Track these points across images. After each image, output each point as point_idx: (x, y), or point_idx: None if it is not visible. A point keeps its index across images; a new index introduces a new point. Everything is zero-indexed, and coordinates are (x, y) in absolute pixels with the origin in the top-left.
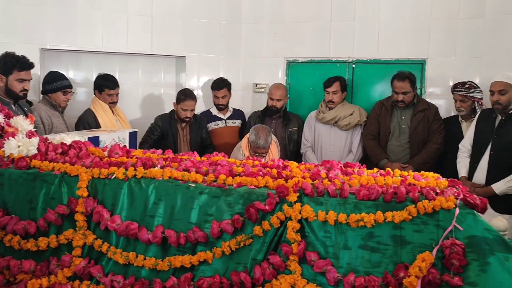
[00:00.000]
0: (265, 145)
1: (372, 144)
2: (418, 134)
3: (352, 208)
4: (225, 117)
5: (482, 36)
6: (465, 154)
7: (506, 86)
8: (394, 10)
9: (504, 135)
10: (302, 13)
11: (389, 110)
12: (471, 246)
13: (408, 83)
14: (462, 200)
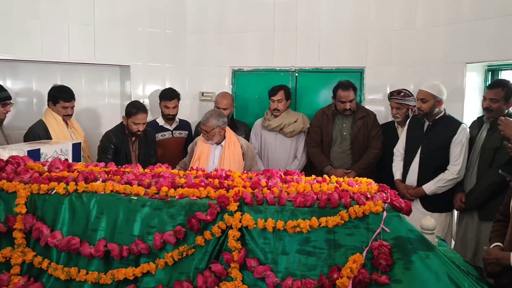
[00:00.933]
0: (205, 122)
1: (315, 151)
2: (359, 141)
3: (289, 215)
4: (172, 128)
5: (414, 46)
6: (399, 158)
7: (426, 95)
8: (334, 21)
9: (432, 139)
10: (246, 23)
11: (331, 118)
12: (397, 246)
13: (352, 91)
14: (389, 204)
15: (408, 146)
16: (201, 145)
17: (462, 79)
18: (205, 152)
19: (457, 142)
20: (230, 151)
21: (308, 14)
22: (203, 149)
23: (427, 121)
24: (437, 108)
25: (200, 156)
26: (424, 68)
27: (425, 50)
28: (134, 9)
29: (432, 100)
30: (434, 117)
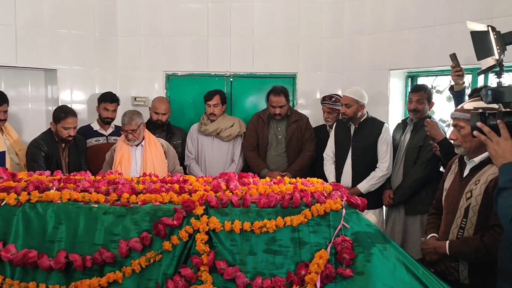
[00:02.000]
0: (130, 121)
1: (252, 155)
2: (293, 143)
3: (255, 216)
4: (107, 133)
5: (342, 53)
6: (330, 162)
7: (350, 100)
8: (267, 27)
9: (360, 141)
10: (180, 27)
11: (266, 122)
12: (357, 241)
13: (283, 97)
14: (346, 201)
15: (338, 150)
16: (120, 149)
17: (386, 84)
18: (126, 155)
19: (382, 141)
20: (152, 150)
21: (242, 20)
22: (123, 153)
23: (353, 124)
24: (360, 112)
25: (121, 160)
26: (351, 74)
27: (352, 57)
28: (59, 9)
29: (355, 105)
30: (359, 120)
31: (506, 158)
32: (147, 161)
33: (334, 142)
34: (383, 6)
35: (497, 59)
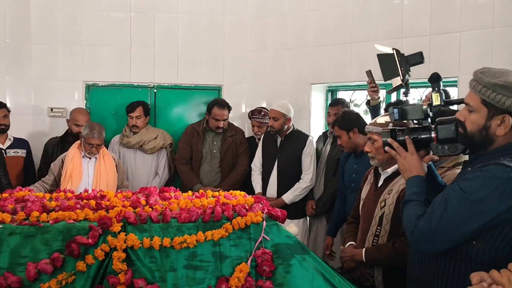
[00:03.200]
0: (99, 135)
1: (185, 169)
2: (227, 158)
3: (175, 231)
4: (5, 147)
5: (266, 67)
6: (257, 173)
7: (277, 114)
8: (191, 39)
9: (285, 153)
10: (101, 36)
11: (201, 135)
12: (277, 253)
13: (227, 110)
14: (267, 213)
15: (265, 161)
16: (71, 162)
17: (308, 98)
18: (77, 167)
19: (306, 153)
20: (106, 163)
21: (166, 31)
22: (75, 165)
23: (280, 137)
24: (287, 125)
25: (72, 173)
26: (275, 87)
27: (276, 71)
28: None
29: (282, 118)
30: (285, 133)
31: (412, 172)
32: (101, 175)
33: (262, 154)
34: (305, 22)
35: (402, 79)
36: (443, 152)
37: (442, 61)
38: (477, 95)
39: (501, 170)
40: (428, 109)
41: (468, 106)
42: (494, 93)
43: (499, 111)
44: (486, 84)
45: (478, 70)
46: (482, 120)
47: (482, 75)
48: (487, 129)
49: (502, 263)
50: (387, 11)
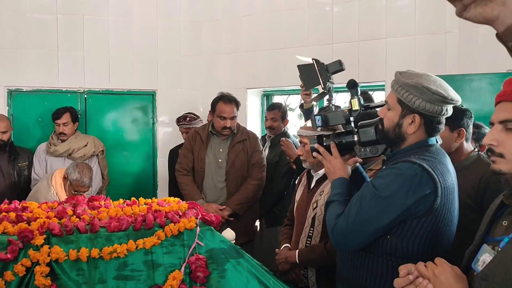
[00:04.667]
0: (90, 183)
1: (185, 181)
2: (236, 170)
3: (104, 241)
4: None
5: (201, 71)
6: None
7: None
8: (122, 43)
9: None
10: (24, 39)
11: (205, 141)
12: (212, 258)
13: (235, 106)
14: (201, 219)
15: None
16: None
17: (244, 102)
18: None
19: None
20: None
21: (96, 34)
22: None
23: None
24: None
25: None
26: (211, 92)
27: (211, 75)
28: None
29: None
30: None
31: (336, 175)
32: None
33: None
34: (238, 27)
35: (323, 87)
36: (365, 154)
37: (370, 66)
38: (395, 94)
39: (409, 166)
40: (348, 114)
41: (387, 104)
42: (407, 93)
43: (410, 110)
44: (402, 84)
45: (399, 71)
46: (396, 117)
47: (400, 75)
48: (400, 127)
49: (413, 255)
50: (318, 18)
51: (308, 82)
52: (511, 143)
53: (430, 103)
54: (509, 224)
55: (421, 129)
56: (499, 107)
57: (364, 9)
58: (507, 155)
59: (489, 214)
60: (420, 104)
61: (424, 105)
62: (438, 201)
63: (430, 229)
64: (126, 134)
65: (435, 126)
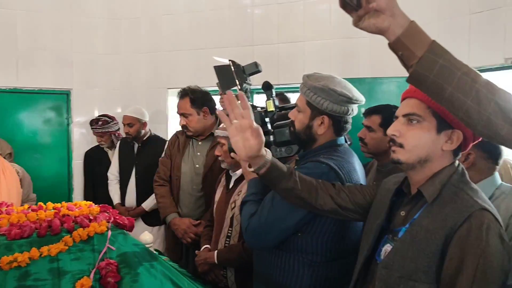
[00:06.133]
0: None
1: (161, 192)
2: (215, 175)
3: (3, 250)
4: None
5: (119, 71)
6: (115, 182)
7: (132, 119)
8: (32, 39)
9: (144, 159)
10: None
11: (182, 146)
12: (124, 262)
13: (188, 100)
14: (113, 222)
15: (122, 169)
16: None
17: (165, 102)
18: None
19: None
20: (7, 177)
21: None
22: None
23: (137, 143)
24: (143, 130)
25: None
26: (130, 91)
27: (130, 75)
28: None
29: (137, 123)
30: (142, 138)
31: (252, 174)
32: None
33: (118, 161)
34: (159, 26)
35: (240, 89)
36: (281, 154)
37: (289, 68)
38: (304, 97)
39: (317, 166)
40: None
41: (297, 106)
42: (315, 96)
43: (319, 112)
44: (309, 87)
45: (306, 75)
46: (306, 119)
47: (308, 78)
48: (310, 128)
49: (323, 251)
50: (239, 19)
51: (224, 84)
52: (411, 135)
53: (337, 104)
54: (406, 214)
55: (330, 130)
56: (404, 102)
57: (283, 12)
58: (406, 146)
59: (385, 203)
60: (328, 105)
61: (332, 107)
62: None
63: (338, 225)
64: (38, 136)
65: (343, 125)
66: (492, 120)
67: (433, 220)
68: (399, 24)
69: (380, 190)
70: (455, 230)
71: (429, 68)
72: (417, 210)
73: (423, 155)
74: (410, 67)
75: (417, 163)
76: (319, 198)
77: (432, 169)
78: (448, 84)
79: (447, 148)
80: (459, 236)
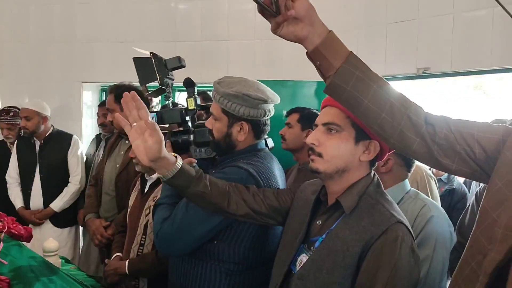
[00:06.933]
0: None
1: (90, 192)
2: (130, 177)
3: None
4: None
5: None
6: (15, 184)
7: (30, 112)
8: None
9: (48, 157)
10: None
11: (111, 144)
12: (18, 278)
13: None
14: (6, 233)
15: (23, 170)
16: None
17: (79, 97)
18: None
19: (72, 153)
20: None
21: None
22: None
23: (38, 140)
24: (43, 125)
25: None
26: (40, 84)
27: (40, 66)
28: None
29: (36, 117)
30: (44, 134)
31: None
32: None
33: (18, 162)
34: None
35: (160, 83)
36: (200, 155)
37: (213, 67)
38: (218, 105)
39: (235, 171)
40: (185, 113)
41: (213, 115)
42: (230, 103)
43: (237, 119)
44: (222, 94)
45: (217, 81)
46: (224, 127)
47: (219, 85)
48: (230, 136)
49: (240, 259)
50: (162, 13)
51: (144, 77)
52: (330, 144)
53: (253, 109)
54: (323, 223)
55: (250, 134)
56: (324, 111)
57: (207, 9)
58: (325, 156)
59: (305, 214)
60: (244, 111)
61: (249, 112)
62: None
63: (255, 233)
64: None
65: (262, 128)
66: (404, 133)
67: (350, 232)
68: (318, 33)
69: (297, 199)
70: (372, 243)
71: (346, 80)
72: (334, 220)
73: (341, 166)
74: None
75: (335, 173)
76: (231, 203)
77: (350, 180)
78: (364, 97)
79: (364, 158)
80: (374, 249)
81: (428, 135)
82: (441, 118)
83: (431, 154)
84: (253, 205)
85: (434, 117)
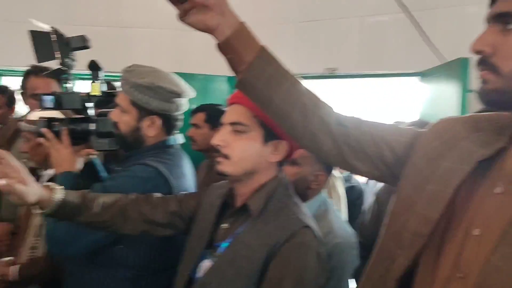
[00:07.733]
0: None
1: None
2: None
3: None
4: None
5: None
6: None
7: None
8: None
9: None
10: None
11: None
12: None
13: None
14: None
15: None
16: None
17: None
18: None
19: None
20: None
21: None
22: None
23: None
24: None
25: None
26: None
27: None
28: None
29: None
30: None
31: (62, 167)
32: None
33: None
34: None
35: (61, 63)
36: (103, 147)
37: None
38: (126, 96)
39: (143, 169)
40: (87, 99)
41: (119, 106)
42: (141, 94)
43: (148, 112)
44: (133, 85)
45: (125, 69)
46: (133, 121)
47: (129, 74)
48: (139, 130)
49: (148, 264)
50: None
51: (42, 54)
52: (237, 145)
53: (166, 102)
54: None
55: (160, 130)
56: (231, 109)
57: None
58: (232, 157)
59: (210, 220)
60: (157, 105)
61: (162, 105)
62: None
63: None
64: None
65: (173, 124)
66: (316, 134)
67: (256, 236)
68: (229, 24)
69: (204, 203)
70: (277, 249)
71: (258, 76)
72: (241, 224)
73: (249, 168)
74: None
75: (244, 175)
76: (128, 222)
77: (258, 181)
78: (276, 95)
79: (273, 159)
80: (280, 255)
81: (339, 136)
82: (353, 119)
83: (342, 155)
84: (153, 216)
85: (345, 118)
